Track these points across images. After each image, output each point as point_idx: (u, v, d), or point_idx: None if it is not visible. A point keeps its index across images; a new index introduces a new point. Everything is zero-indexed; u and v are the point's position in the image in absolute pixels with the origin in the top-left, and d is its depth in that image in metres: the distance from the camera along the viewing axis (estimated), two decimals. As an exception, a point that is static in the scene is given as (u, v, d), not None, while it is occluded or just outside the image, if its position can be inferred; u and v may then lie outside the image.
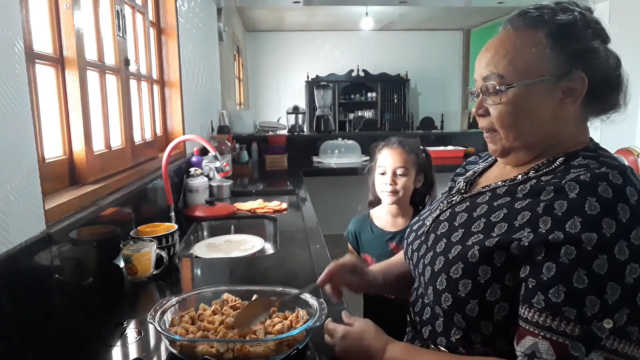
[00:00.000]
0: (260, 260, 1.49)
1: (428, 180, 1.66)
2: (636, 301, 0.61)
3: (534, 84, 0.74)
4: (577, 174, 0.68)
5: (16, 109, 0.89)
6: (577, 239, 0.62)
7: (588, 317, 0.61)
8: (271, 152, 3.52)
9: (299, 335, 0.84)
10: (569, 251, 0.63)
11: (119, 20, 1.60)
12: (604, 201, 0.63)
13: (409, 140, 1.63)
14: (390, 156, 1.59)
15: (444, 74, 8.41)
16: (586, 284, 0.61)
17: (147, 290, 1.20)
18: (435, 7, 6.42)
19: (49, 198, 1.09)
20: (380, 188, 1.61)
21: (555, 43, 0.74)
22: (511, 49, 0.76)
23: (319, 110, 4.41)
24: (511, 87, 0.75)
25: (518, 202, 0.74)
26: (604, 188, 0.64)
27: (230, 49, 5.22)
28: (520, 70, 0.75)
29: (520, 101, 0.75)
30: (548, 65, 0.74)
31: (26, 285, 0.88)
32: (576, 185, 0.66)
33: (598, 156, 0.74)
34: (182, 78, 2.36)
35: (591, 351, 0.61)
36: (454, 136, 4.12)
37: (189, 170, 2.09)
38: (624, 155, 2.83)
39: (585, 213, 0.63)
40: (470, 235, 0.76)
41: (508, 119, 0.77)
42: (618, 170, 0.67)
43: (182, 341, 0.82)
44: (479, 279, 0.71)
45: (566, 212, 0.65)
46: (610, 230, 0.62)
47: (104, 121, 1.48)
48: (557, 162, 0.76)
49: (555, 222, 0.65)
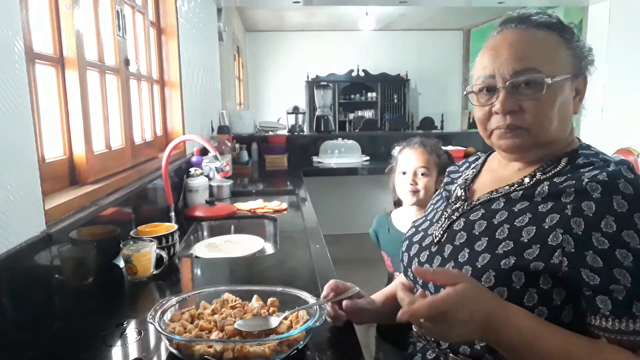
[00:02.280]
0: (260, 260, 1.49)
1: None
2: None
3: (564, 80, 0.76)
4: (593, 173, 0.71)
5: (16, 109, 0.89)
6: (618, 239, 0.65)
7: None
8: (271, 152, 3.53)
9: (299, 335, 0.84)
10: (623, 254, 0.64)
11: (119, 20, 1.60)
12: (629, 197, 0.66)
13: (431, 141, 1.62)
14: (412, 156, 1.58)
15: (444, 74, 8.41)
16: None
17: (147, 290, 1.20)
18: (435, 7, 6.42)
19: (49, 198, 1.09)
20: (401, 188, 1.60)
21: (569, 44, 0.78)
22: (540, 46, 0.77)
23: (319, 110, 4.41)
24: (554, 81, 0.75)
25: (540, 205, 0.74)
26: (624, 185, 0.67)
27: (230, 49, 5.22)
28: (555, 66, 0.76)
29: (557, 96, 0.76)
30: (569, 64, 0.77)
31: (26, 285, 0.88)
32: (597, 186, 0.68)
33: (595, 154, 0.78)
34: (182, 78, 2.36)
35: None
36: (454, 136, 4.12)
37: (189, 170, 2.09)
38: (624, 155, 2.83)
39: (616, 211, 0.66)
40: (497, 242, 0.74)
41: (546, 113, 0.76)
42: (626, 165, 0.71)
43: (182, 341, 0.82)
44: (514, 284, 0.70)
45: (597, 213, 0.67)
46: None
47: (104, 121, 1.48)
48: (562, 162, 0.77)
49: (589, 223, 0.67)
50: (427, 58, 8.37)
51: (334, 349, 0.89)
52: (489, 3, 4.40)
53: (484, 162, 0.97)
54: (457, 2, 5.41)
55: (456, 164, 1.07)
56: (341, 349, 0.90)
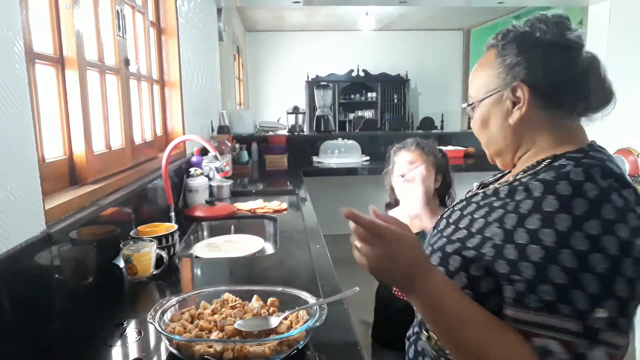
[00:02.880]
0: (260, 260, 1.49)
1: (445, 181, 1.66)
2: (617, 292, 0.63)
3: (486, 98, 0.84)
4: (547, 175, 0.72)
5: (16, 109, 0.89)
6: (536, 236, 0.66)
7: (582, 311, 0.62)
8: (271, 152, 3.52)
9: (299, 335, 0.84)
10: (535, 249, 0.66)
11: (119, 20, 1.60)
12: (561, 198, 0.67)
13: (426, 142, 1.64)
14: (409, 159, 1.59)
15: (444, 74, 8.41)
16: (565, 278, 0.64)
17: (147, 290, 1.20)
18: (435, 7, 6.42)
19: (49, 198, 1.09)
20: (401, 190, 1.60)
21: (498, 59, 0.83)
22: (476, 70, 0.88)
23: (319, 110, 4.41)
24: (471, 105, 0.87)
25: (497, 201, 0.78)
26: (563, 186, 0.68)
27: (230, 49, 5.22)
28: (479, 88, 0.86)
29: (481, 115, 0.86)
30: (497, 80, 0.82)
31: (26, 285, 0.88)
32: (540, 185, 0.71)
33: (585, 157, 0.74)
34: (182, 78, 2.36)
35: (594, 345, 0.62)
36: (454, 136, 4.12)
37: (189, 170, 2.09)
38: (624, 155, 2.83)
39: (543, 210, 0.68)
40: (456, 230, 0.83)
41: (476, 130, 0.89)
42: (583, 167, 0.70)
43: (182, 341, 0.82)
44: (449, 266, 0.79)
45: (529, 210, 0.70)
46: (564, 224, 0.65)
47: (104, 121, 1.48)
48: (543, 164, 0.79)
49: (519, 220, 0.70)
50: (427, 58, 8.38)
51: (334, 349, 0.90)
52: (489, 3, 4.40)
53: None
54: (457, 2, 5.41)
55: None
56: (341, 349, 0.90)
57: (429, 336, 0.86)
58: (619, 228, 0.64)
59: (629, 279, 0.63)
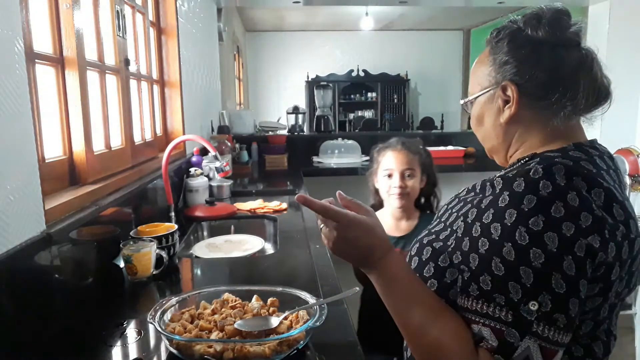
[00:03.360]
0: (260, 260, 1.49)
1: (430, 180, 1.64)
2: (553, 287, 0.64)
3: (479, 96, 0.85)
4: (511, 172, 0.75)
5: (16, 109, 0.89)
6: (487, 229, 0.69)
7: (515, 302, 0.65)
8: (271, 152, 3.52)
9: (299, 335, 0.84)
10: (483, 242, 0.69)
11: (119, 20, 1.60)
12: (513, 194, 0.69)
13: (411, 141, 1.61)
14: (396, 158, 1.57)
15: (444, 74, 8.41)
16: (503, 270, 0.66)
17: (147, 290, 1.20)
18: (435, 7, 6.42)
19: (49, 198, 1.09)
20: (388, 191, 1.58)
21: (490, 58, 0.83)
22: (473, 68, 0.88)
23: (319, 110, 4.40)
24: (467, 102, 0.88)
25: (473, 197, 0.80)
26: (518, 183, 0.70)
27: (230, 49, 5.22)
28: (474, 85, 0.86)
29: (475, 112, 0.87)
30: (489, 79, 0.83)
31: (26, 285, 0.88)
32: (500, 181, 0.73)
33: (561, 156, 0.74)
34: (182, 78, 2.36)
35: (524, 337, 0.64)
36: (454, 136, 4.12)
37: (189, 170, 2.09)
38: (624, 155, 2.83)
39: (497, 205, 0.70)
40: (438, 224, 0.86)
41: (473, 127, 0.90)
42: (544, 165, 0.70)
43: (182, 341, 0.82)
44: (422, 257, 0.82)
45: (487, 205, 0.72)
46: (510, 219, 0.67)
47: (104, 121, 1.48)
48: (522, 162, 0.80)
49: (478, 214, 0.72)
50: (427, 58, 8.37)
51: (334, 349, 0.90)
52: (489, 3, 4.40)
53: None
54: (457, 2, 5.41)
55: None
56: (341, 349, 0.90)
57: None
58: (564, 226, 0.64)
59: (568, 276, 0.64)
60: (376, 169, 1.64)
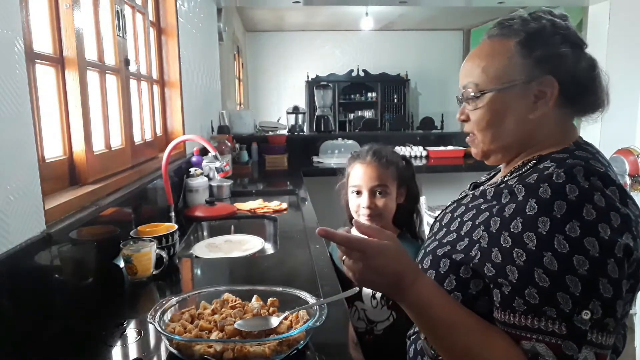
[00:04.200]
0: (260, 260, 1.49)
1: (411, 194, 1.39)
2: (601, 293, 0.63)
3: (505, 89, 0.79)
4: (531, 177, 0.72)
5: (16, 109, 0.89)
6: (520, 239, 0.66)
7: (567, 313, 0.63)
8: (271, 152, 3.52)
9: (299, 335, 0.84)
10: (519, 253, 0.66)
11: (119, 20, 1.60)
12: (542, 201, 0.67)
13: (385, 150, 1.36)
14: (364, 173, 1.32)
15: (444, 74, 8.41)
16: (548, 281, 0.64)
17: (147, 290, 1.20)
18: (435, 7, 6.42)
19: (49, 198, 1.09)
20: (356, 210, 1.34)
21: (524, 50, 0.78)
22: (485, 58, 0.82)
23: (319, 110, 4.40)
24: (484, 93, 0.80)
25: (484, 203, 0.78)
26: (544, 189, 0.68)
27: (230, 49, 5.22)
28: (492, 77, 0.80)
29: (494, 106, 0.80)
30: (518, 71, 0.78)
31: (26, 285, 0.88)
32: (522, 188, 0.71)
33: (569, 157, 0.74)
34: (182, 78, 2.36)
35: (582, 347, 0.62)
36: (454, 136, 4.12)
37: (189, 170, 2.09)
38: (623, 155, 2.83)
39: (525, 214, 0.68)
40: (448, 233, 0.83)
41: (484, 122, 0.82)
42: (564, 168, 0.69)
43: (182, 341, 0.82)
44: (439, 269, 0.79)
45: (512, 214, 0.70)
46: (545, 227, 0.65)
47: (104, 121, 1.48)
48: (529, 164, 0.79)
49: (503, 223, 0.70)
50: (427, 58, 8.37)
51: (334, 349, 0.90)
52: (489, 3, 4.40)
53: None
54: (457, 2, 5.41)
55: None
56: (341, 349, 0.90)
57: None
58: (600, 228, 0.64)
59: (614, 279, 0.63)
60: (345, 182, 1.42)
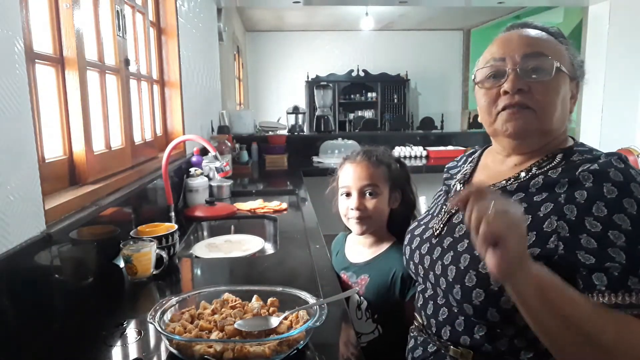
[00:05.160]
0: (260, 260, 1.49)
1: (407, 198, 1.29)
2: None
3: (569, 77, 0.83)
4: (586, 166, 0.75)
5: (16, 109, 0.89)
6: (610, 221, 0.68)
7: None
8: (271, 152, 3.52)
9: (299, 335, 0.84)
10: (615, 235, 0.68)
11: (119, 20, 1.60)
12: (619, 184, 0.71)
13: (377, 150, 1.29)
14: (353, 172, 1.24)
15: (444, 74, 8.41)
16: None
17: (147, 290, 1.20)
18: (435, 7, 6.42)
19: (49, 198, 1.09)
20: (345, 214, 1.27)
21: (568, 50, 0.85)
22: (547, 40, 0.84)
23: (319, 110, 4.41)
24: (562, 70, 0.81)
25: (535, 195, 0.78)
26: (614, 173, 0.72)
27: (230, 49, 5.22)
28: (560, 57, 0.82)
29: (562, 85, 0.82)
30: (569, 65, 0.84)
31: (26, 285, 0.88)
32: (589, 175, 0.73)
33: (589, 150, 0.82)
34: (182, 78, 2.36)
35: None
36: (454, 136, 4.12)
37: (189, 170, 2.09)
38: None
39: (606, 197, 0.70)
40: None
41: (552, 96, 0.80)
42: (617, 156, 0.75)
43: (182, 341, 0.82)
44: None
45: (588, 199, 0.71)
46: (632, 208, 0.69)
47: (104, 121, 1.48)
48: (557, 158, 0.82)
49: (581, 209, 0.71)
50: (427, 58, 8.37)
51: (334, 349, 0.90)
52: (489, 3, 4.41)
53: (479, 157, 1.00)
54: (457, 2, 5.41)
55: (455, 159, 1.10)
56: (341, 349, 0.90)
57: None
58: None
59: None
60: (336, 185, 1.33)
